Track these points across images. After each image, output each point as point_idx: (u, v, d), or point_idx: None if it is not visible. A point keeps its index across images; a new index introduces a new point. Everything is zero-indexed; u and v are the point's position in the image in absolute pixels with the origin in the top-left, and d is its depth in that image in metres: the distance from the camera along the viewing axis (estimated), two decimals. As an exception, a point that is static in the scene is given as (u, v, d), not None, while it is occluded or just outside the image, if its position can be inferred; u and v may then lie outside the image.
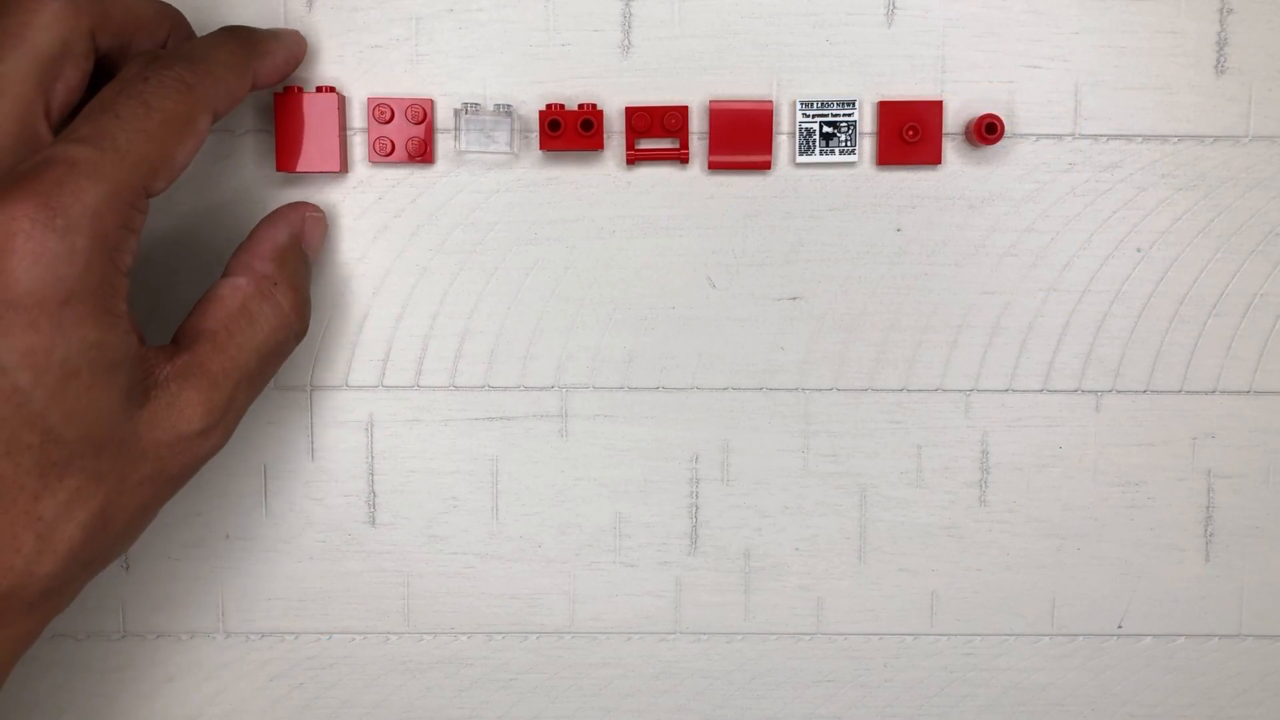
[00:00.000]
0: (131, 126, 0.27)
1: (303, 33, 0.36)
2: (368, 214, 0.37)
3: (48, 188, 0.26)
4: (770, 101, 0.36)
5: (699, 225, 0.37)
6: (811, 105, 0.36)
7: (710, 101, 0.36)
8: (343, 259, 0.37)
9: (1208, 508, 0.38)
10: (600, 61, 0.36)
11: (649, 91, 0.36)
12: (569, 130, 0.35)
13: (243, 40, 0.32)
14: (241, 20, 0.36)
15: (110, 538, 0.29)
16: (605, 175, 0.37)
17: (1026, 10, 0.36)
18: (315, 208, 0.35)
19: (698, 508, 0.38)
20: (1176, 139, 0.37)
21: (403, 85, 0.36)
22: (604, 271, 0.37)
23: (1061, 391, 0.37)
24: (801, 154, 0.36)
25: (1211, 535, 0.38)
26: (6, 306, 0.25)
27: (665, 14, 0.36)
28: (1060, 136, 0.37)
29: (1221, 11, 0.36)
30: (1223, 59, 0.36)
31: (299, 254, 0.34)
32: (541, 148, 0.36)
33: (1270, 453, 0.38)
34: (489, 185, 0.37)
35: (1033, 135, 0.37)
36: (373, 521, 0.38)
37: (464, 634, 0.38)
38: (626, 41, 0.36)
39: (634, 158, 0.36)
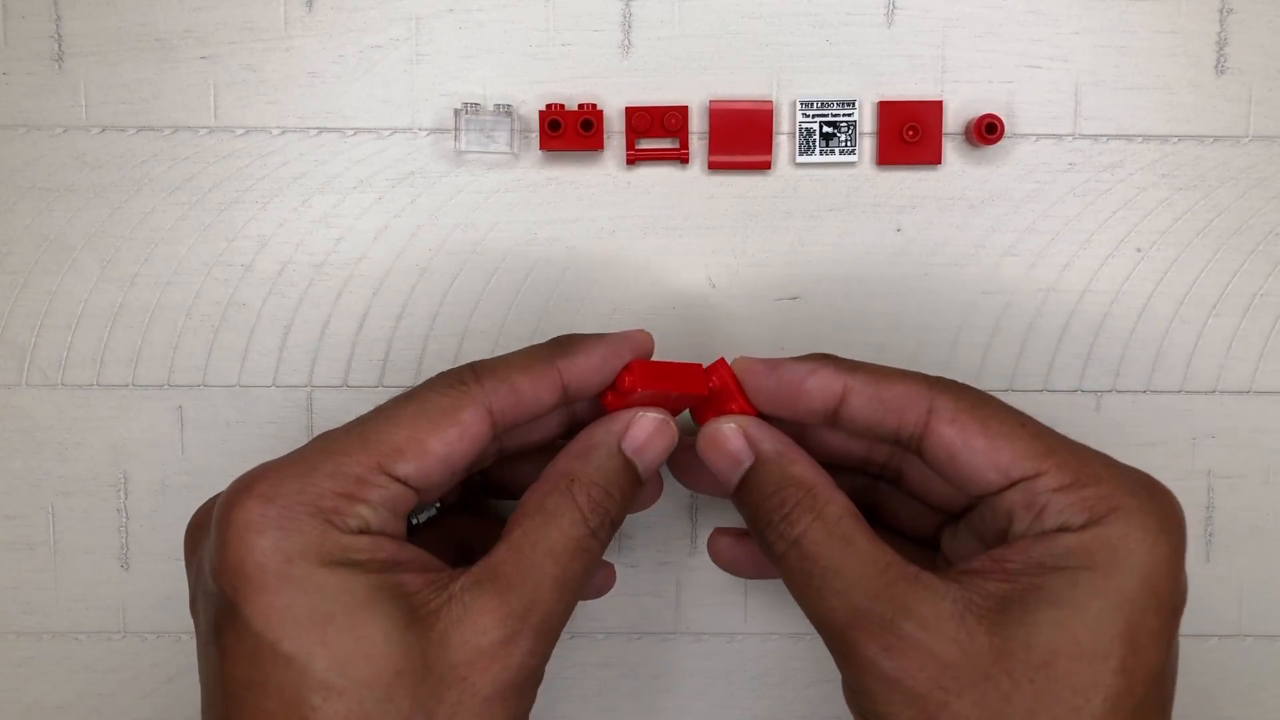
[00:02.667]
0: (385, 414, 0.29)
1: (302, 33, 0.36)
2: (368, 214, 0.37)
3: (273, 478, 0.28)
4: (770, 101, 0.36)
5: (699, 225, 0.37)
6: (811, 105, 0.36)
7: (710, 101, 0.36)
8: (343, 259, 0.37)
9: (1208, 508, 0.38)
10: (600, 61, 0.36)
11: (649, 91, 0.36)
12: (569, 130, 0.35)
13: (554, 343, 0.32)
14: (232, 25, 0.36)
15: None
16: (605, 175, 0.37)
17: (1026, 10, 0.36)
18: (656, 418, 0.32)
19: (697, 508, 0.38)
20: (1176, 139, 0.37)
21: (402, 85, 0.36)
22: (604, 271, 0.37)
23: (1061, 391, 0.37)
24: (801, 154, 0.36)
25: (1211, 535, 0.38)
26: (239, 580, 0.27)
27: (665, 14, 0.36)
28: (1060, 136, 0.37)
29: (1221, 11, 0.36)
30: (1223, 59, 0.36)
31: (610, 453, 0.31)
32: (542, 148, 0.36)
33: (1270, 453, 0.38)
34: (489, 185, 0.37)
35: (1033, 135, 0.37)
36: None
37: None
38: (626, 41, 0.36)
39: (634, 158, 0.36)
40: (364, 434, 0.29)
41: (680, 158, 0.36)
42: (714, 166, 0.36)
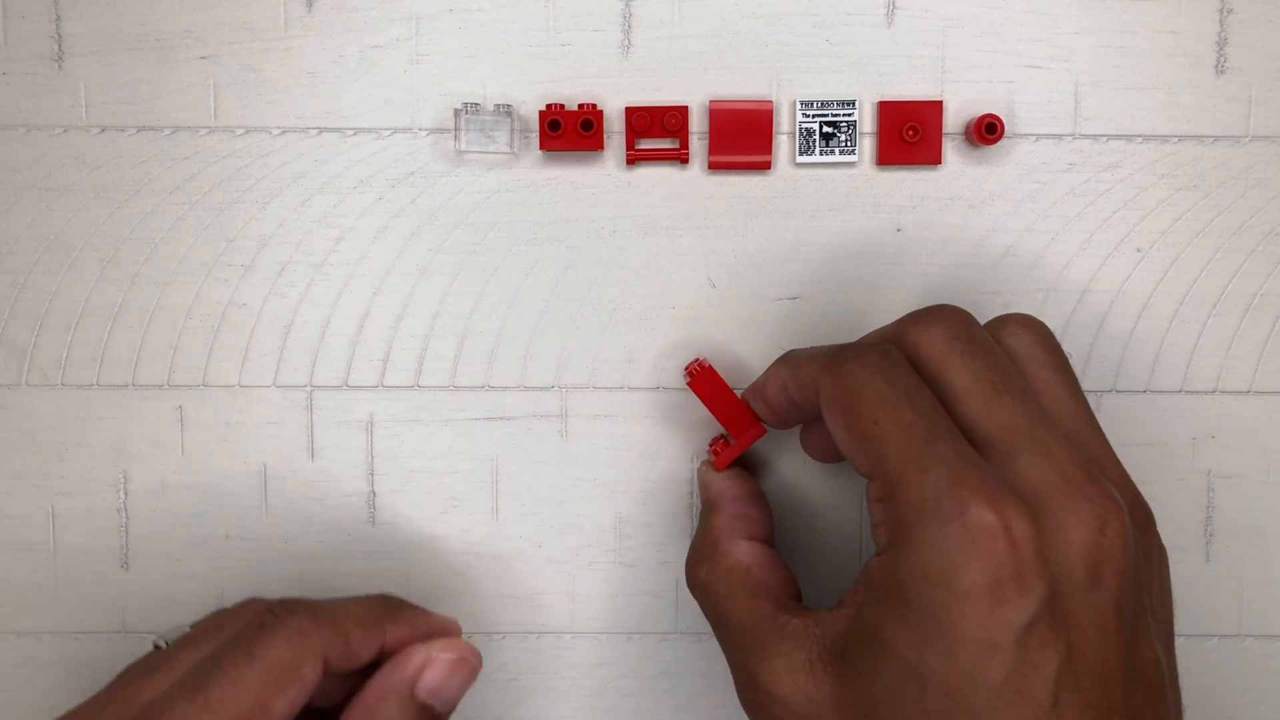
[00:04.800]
0: (230, 677, 0.28)
1: (302, 33, 0.36)
2: (368, 214, 0.37)
3: None
4: (770, 101, 0.36)
5: (699, 225, 0.37)
6: (811, 105, 0.36)
7: (710, 101, 0.36)
8: (343, 259, 0.37)
9: (1208, 508, 0.38)
10: (600, 61, 0.36)
11: (649, 91, 0.36)
12: (569, 130, 0.35)
13: (386, 603, 0.32)
14: (232, 25, 0.36)
15: None
16: (605, 175, 0.37)
17: (1026, 10, 0.36)
18: (450, 647, 0.32)
19: (697, 508, 0.38)
20: (1176, 139, 0.37)
21: (402, 85, 0.36)
22: (604, 271, 0.37)
23: (1061, 391, 0.37)
24: (801, 154, 0.36)
25: (1211, 535, 0.38)
26: None
27: (665, 14, 0.36)
28: (1060, 136, 0.37)
29: (1221, 11, 0.36)
30: (1223, 59, 0.36)
31: (402, 703, 0.31)
32: (541, 148, 0.36)
33: (1270, 453, 0.38)
34: (489, 185, 0.37)
35: (1033, 135, 0.37)
36: (373, 521, 0.38)
37: (464, 634, 0.38)
38: (626, 41, 0.36)
39: (634, 158, 0.36)
40: (210, 704, 0.28)
41: (680, 158, 0.36)
42: (714, 166, 0.36)
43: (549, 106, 0.36)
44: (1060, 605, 0.26)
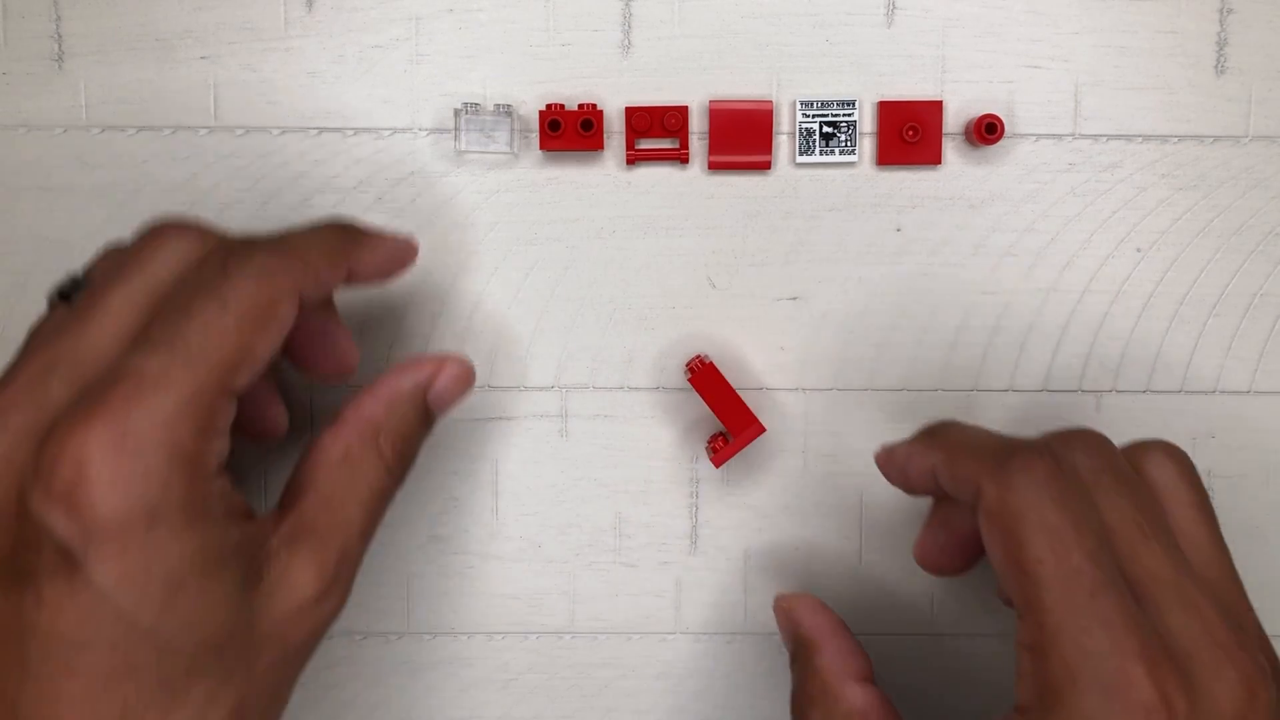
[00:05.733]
0: (205, 325, 0.26)
1: (302, 33, 0.36)
2: (368, 214, 0.37)
3: (118, 406, 0.25)
4: (770, 101, 0.36)
5: (699, 225, 0.37)
6: (811, 105, 0.36)
7: (710, 101, 0.36)
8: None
9: (1208, 508, 0.38)
10: (600, 61, 0.36)
11: (649, 91, 0.36)
12: (569, 130, 0.35)
13: (343, 229, 0.31)
14: (232, 25, 0.36)
15: None
16: (605, 175, 0.37)
17: (1026, 10, 0.36)
18: (459, 362, 0.32)
19: (698, 508, 0.38)
20: (1176, 139, 0.37)
21: (402, 85, 0.36)
22: (604, 271, 0.37)
23: (1061, 391, 0.37)
24: (801, 154, 0.36)
25: None
26: (92, 535, 0.24)
27: (665, 14, 0.36)
28: (1060, 136, 0.37)
29: (1221, 11, 0.36)
30: (1223, 59, 0.36)
31: (415, 404, 0.31)
32: (541, 148, 0.36)
33: (1270, 453, 0.38)
34: (489, 185, 0.37)
35: (1033, 135, 0.37)
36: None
37: (464, 634, 0.38)
38: (626, 41, 0.36)
39: (634, 158, 0.36)
40: (191, 354, 0.26)
41: (680, 158, 0.36)
42: (714, 166, 0.36)
43: (549, 106, 0.36)
44: None
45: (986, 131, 0.35)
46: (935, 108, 0.36)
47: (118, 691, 0.25)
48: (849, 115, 0.36)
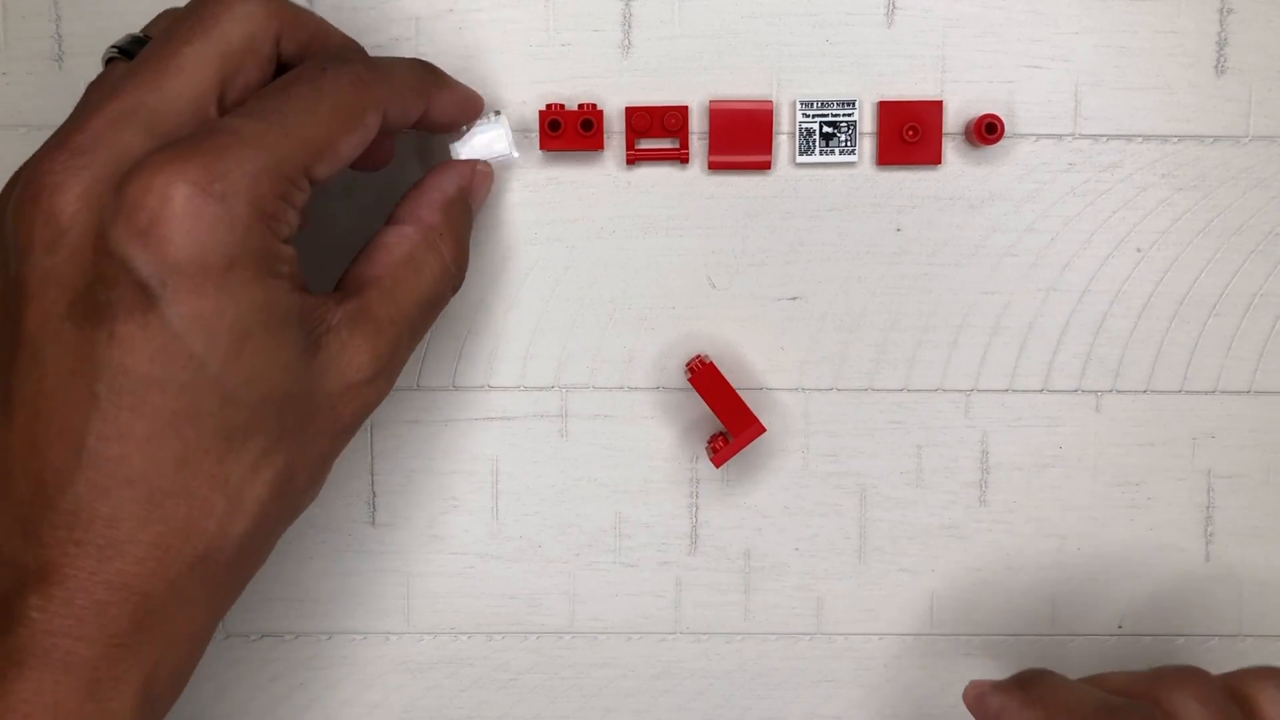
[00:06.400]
0: (300, 107, 0.28)
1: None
2: (368, 214, 0.37)
3: (209, 153, 0.26)
4: (770, 101, 0.36)
5: (699, 225, 0.37)
6: (811, 105, 0.36)
7: (710, 101, 0.36)
8: (344, 259, 0.37)
9: (1208, 508, 0.38)
10: (600, 61, 0.36)
11: (649, 91, 0.36)
12: (569, 130, 0.35)
13: (427, 66, 0.32)
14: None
15: (296, 492, 0.29)
16: (605, 175, 0.37)
17: (1026, 10, 0.36)
18: (485, 163, 0.34)
19: (698, 508, 0.38)
20: (1176, 139, 0.37)
21: (403, 85, 0.36)
22: (604, 271, 0.37)
23: (1061, 391, 0.37)
24: (801, 154, 0.36)
25: (1211, 535, 0.38)
26: (171, 272, 0.25)
27: (665, 14, 0.36)
28: (1060, 136, 0.37)
29: (1221, 11, 0.36)
30: (1223, 59, 0.36)
31: (464, 206, 0.33)
32: (541, 148, 0.36)
33: (1270, 453, 0.38)
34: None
35: (1033, 135, 0.37)
36: (373, 521, 0.38)
37: (464, 634, 0.38)
38: (626, 41, 0.36)
39: (634, 158, 0.36)
40: (285, 126, 0.27)
41: (680, 158, 0.36)
42: (714, 166, 0.36)
43: (549, 106, 0.36)
44: None
45: (986, 131, 0.35)
46: (935, 108, 0.36)
47: (180, 433, 0.26)
48: (849, 115, 0.36)
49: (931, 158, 0.36)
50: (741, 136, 0.36)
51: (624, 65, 0.36)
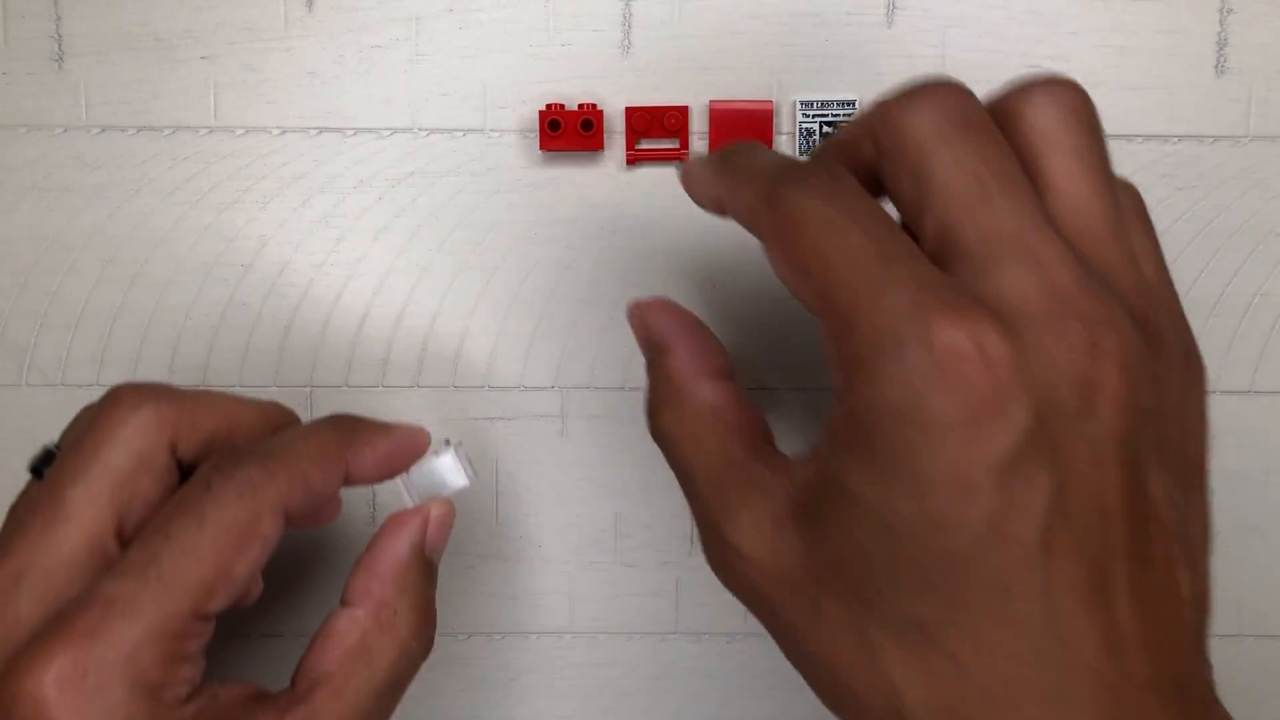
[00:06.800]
0: (181, 545, 0.26)
1: (302, 33, 0.36)
2: (368, 214, 0.37)
3: (79, 641, 0.25)
4: (770, 101, 0.36)
5: (699, 225, 0.37)
6: (811, 105, 0.36)
7: (710, 101, 0.36)
8: (343, 259, 0.37)
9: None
10: (600, 61, 0.36)
11: (649, 91, 0.36)
12: (569, 130, 0.35)
13: (340, 429, 0.30)
14: (232, 25, 0.36)
15: None
16: (605, 175, 0.37)
17: (1026, 10, 0.36)
18: (442, 502, 0.32)
19: (698, 508, 0.38)
20: (1176, 139, 0.37)
21: (402, 85, 0.36)
22: (604, 271, 0.37)
23: (1061, 391, 0.37)
24: (802, 154, 0.36)
25: (1212, 535, 0.38)
26: None
27: (665, 14, 0.36)
28: (1060, 136, 0.37)
29: (1221, 11, 0.36)
30: (1223, 59, 0.36)
31: (421, 567, 0.30)
32: (542, 148, 0.36)
33: (1270, 453, 0.38)
34: (489, 185, 0.37)
35: (1033, 135, 0.37)
36: (373, 521, 0.38)
37: (464, 634, 0.38)
38: (626, 41, 0.36)
39: (634, 158, 0.36)
40: (163, 579, 0.26)
41: (680, 158, 0.36)
42: (714, 166, 0.36)
43: (549, 106, 0.36)
44: (1046, 438, 0.22)
45: (986, 131, 0.35)
46: (935, 108, 0.36)
47: None
48: (849, 115, 0.36)
49: (931, 158, 0.36)
50: (742, 136, 0.36)
51: (624, 65, 0.36)
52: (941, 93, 0.25)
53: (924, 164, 0.24)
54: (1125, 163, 0.37)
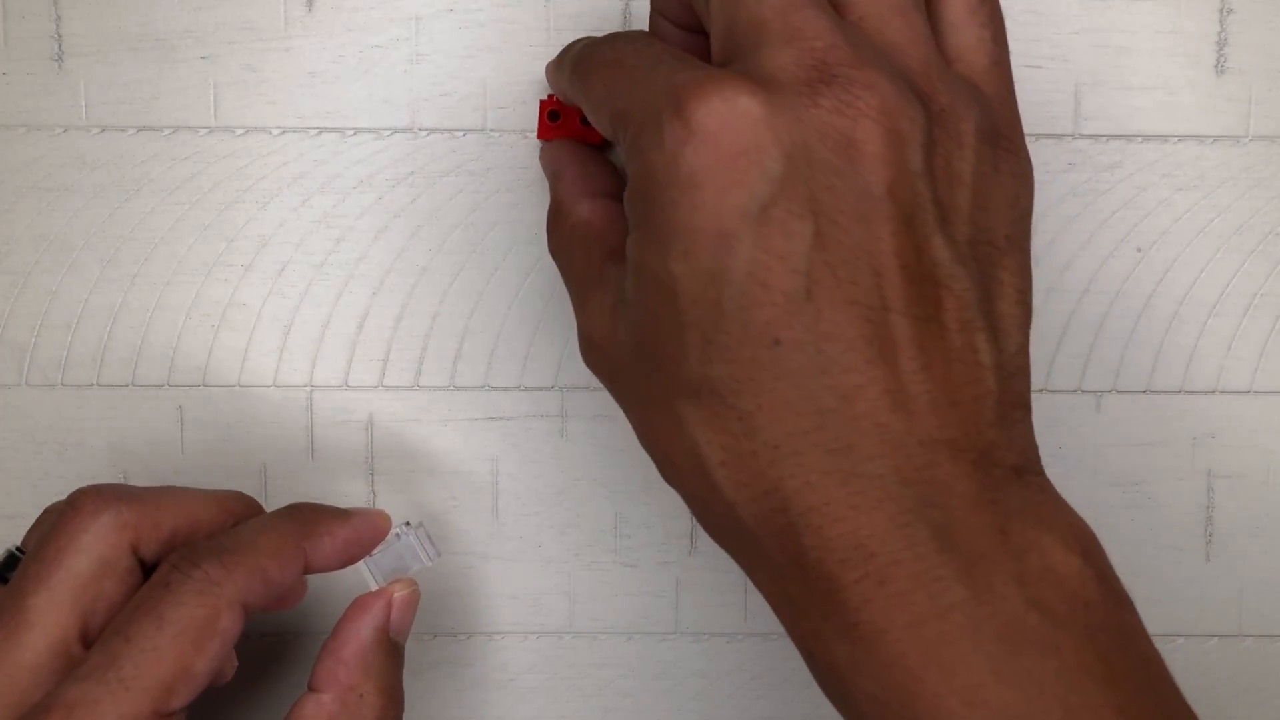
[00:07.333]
0: (140, 648, 0.26)
1: (302, 33, 0.36)
2: (368, 214, 0.37)
3: None
4: (770, 101, 0.36)
5: (699, 225, 0.37)
6: (811, 105, 0.36)
7: (710, 101, 0.36)
8: (343, 259, 0.37)
9: (1208, 508, 0.38)
10: (600, 61, 0.36)
11: (649, 91, 0.36)
12: (569, 120, 0.35)
13: (298, 520, 0.31)
14: (232, 25, 0.36)
15: None
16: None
17: (1026, 10, 0.36)
18: (405, 582, 0.32)
19: (698, 508, 0.38)
20: (1176, 139, 0.37)
21: (402, 85, 0.36)
22: (604, 271, 0.37)
23: (1061, 391, 0.37)
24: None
25: (1211, 535, 0.38)
26: None
27: (665, 14, 0.36)
28: (1060, 136, 0.37)
29: (1221, 11, 0.36)
30: (1223, 59, 0.36)
31: (386, 649, 0.31)
32: (540, 137, 0.35)
33: (1270, 453, 0.38)
34: (489, 185, 0.37)
35: (1032, 135, 0.36)
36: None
37: (464, 634, 0.38)
38: (626, 41, 0.36)
39: (634, 157, 0.36)
40: (124, 680, 0.26)
41: (680, 157, 0.36)
42: (714, 166, 0.36)
43: (550, 97, 0.36)
44: (801, 187, 0.23)
45: (986, 131, 0.35)
46: (935, 108, 0.36)
47: None
48: (849, 115, 0.36)
49: (931, 158, 0.36)
50: (741, 136, 0.36)
51: (624, 65, 0.36)
52: None
53: None
54: (1125, 163, 0.37)
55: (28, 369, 0.37)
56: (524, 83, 0.36)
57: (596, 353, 0.29)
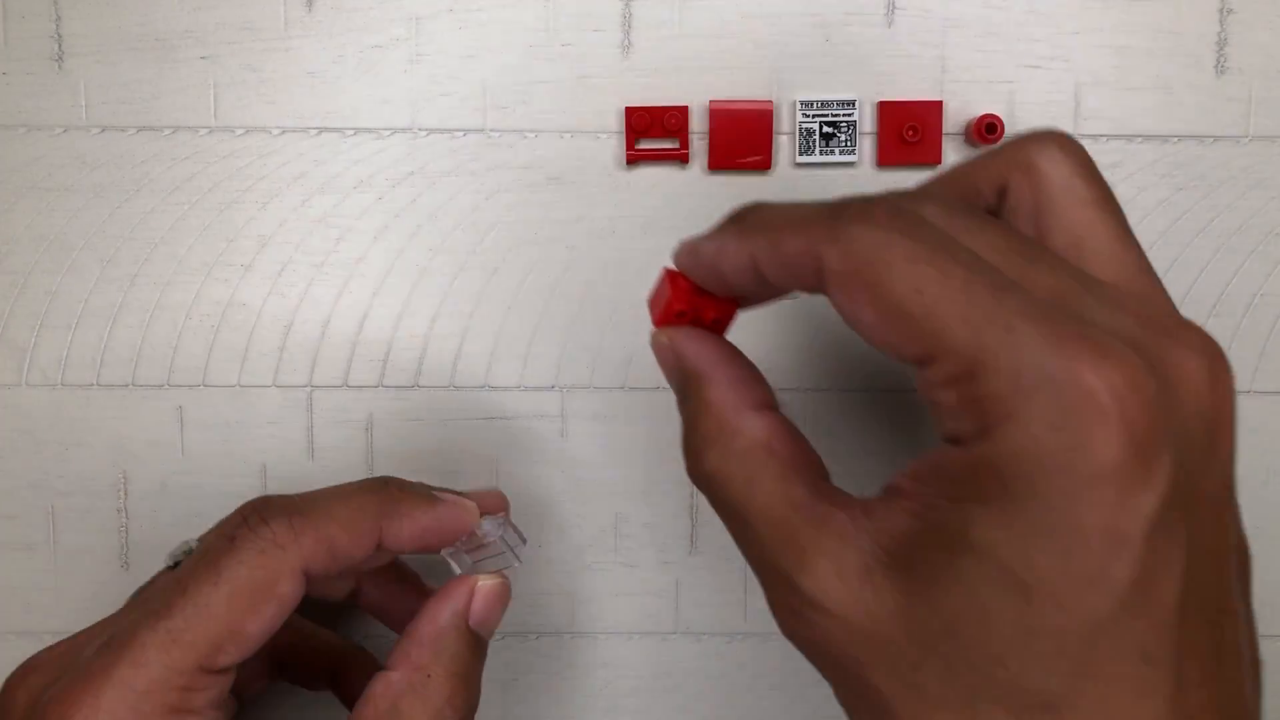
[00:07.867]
0: (194, 602, 0.26)
1: (302, 33, 0.36)
2: (368, 214, 0.37)
3: (92, 683, 0.26)
4: (770, 101, 0.36)
5: (699, 225, 0.37)
6: (811, 105, 0.36)
7: (710, 101, 0.36)
8: (343, 259, 0.37)
9: (1208, 508, 0.38)
10: (600, 61, 0.36)
11: (649, 91, 0.36)
12: (697, 308, 0.32)
13: (382, 495, 0.30)
14: (232, 25, 0.36)
15: None
16: (605, 175, 0.37)
17: (1026, 10, 0.36)
18: (495, 577, 0.31)
19: (698, 508, 0.38)
20: (1176, 139, 0.37)
21: (402, 85, 0.36)
22: (604, 271, 0.37)
23: (1061, 391, 0.37)
24: (801, 154, 0.36)
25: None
26: None
27: (665, 14, 0.36)
28: (1060, 136, 0.37)
29: (1221, 11, 0.36)
30: (1223, 59, 0.36)
31: (461, 635, 0.30)
32: (659, 324, 0.31)
33: (1270, 453, 0.38)
34: (489, 185, 0.37)
35: (1033, 135, 0.37)
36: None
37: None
38: (626, 41, 0.36)
39: (634, 158, 0.36)
40: (172, 631, 0.26)
41: (680, 158, 0.36)
42: (714, 167, 0.36)
43: (672, 273, 0.34)
44: (1183, 482, 0.20)
45: (986, 131, 0.35)
46: (935, 108, 0.36)
47: None
48: (849, 115, 0.36)
49: (932, 158, 0.36)
50: (741, 136, 0.36)
51: (624, 65, 0.36)
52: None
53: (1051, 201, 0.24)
54: (1125, 163, 0.37)
55: (28, 369, 0.37)
56: (524, 83, 0.36)
57: (829, 620, 0.23)
